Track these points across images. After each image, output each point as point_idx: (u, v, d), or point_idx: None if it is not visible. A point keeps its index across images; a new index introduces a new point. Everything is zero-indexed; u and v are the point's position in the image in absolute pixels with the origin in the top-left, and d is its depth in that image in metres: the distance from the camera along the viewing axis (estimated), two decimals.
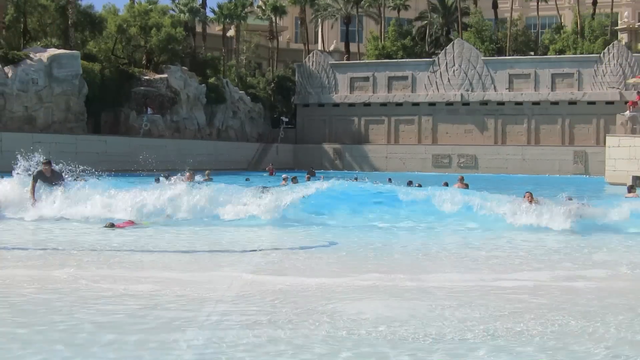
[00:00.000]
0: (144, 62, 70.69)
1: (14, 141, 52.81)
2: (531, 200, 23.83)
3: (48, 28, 66.73)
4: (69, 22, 65.45)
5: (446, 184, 33.94)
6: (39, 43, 61.69)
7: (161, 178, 33.17)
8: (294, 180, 34.12)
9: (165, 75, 69.30)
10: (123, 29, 69.04)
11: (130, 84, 65.49)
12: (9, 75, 54.95)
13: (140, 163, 55.16)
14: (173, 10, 79.10)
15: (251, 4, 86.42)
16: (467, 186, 35.16)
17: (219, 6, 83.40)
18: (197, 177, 39.36)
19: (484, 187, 39.22)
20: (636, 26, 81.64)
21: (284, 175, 44.00)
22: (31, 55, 57.02)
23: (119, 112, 64.24)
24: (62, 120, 58.06)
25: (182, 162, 58.70)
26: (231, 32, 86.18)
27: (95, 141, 58.96)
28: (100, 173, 49.30)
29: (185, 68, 72.67)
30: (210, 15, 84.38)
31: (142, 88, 66.09)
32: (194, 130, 71.72)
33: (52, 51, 58.53)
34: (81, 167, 45.10)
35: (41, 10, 65.57)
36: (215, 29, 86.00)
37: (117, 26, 68.88)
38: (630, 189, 29.77)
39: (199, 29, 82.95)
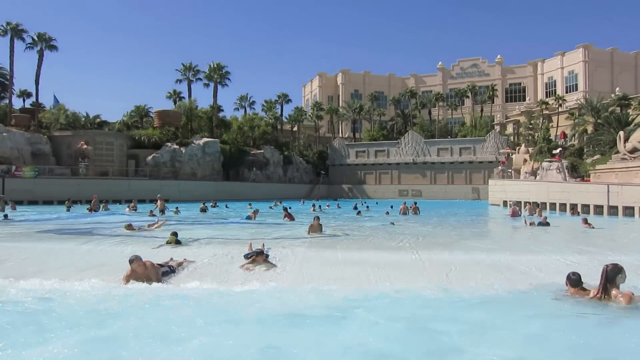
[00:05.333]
0: (251, 144, 70.22)
1: (186, 185, 52.79)
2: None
3: (202, 127, 66.76)
4: (214, 124, 66.09)
5: (388, 212, 31.09)
6: (198, 135, 61.52)
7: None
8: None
9: (262, 151, 68.85)
10: (240, 127, 69.06)
11: (244, 155, 65.33)
12: (183, 152, 55.15)
13: (249, 196, 54.68)
14: (266, 117, 78.77)
15: (305, 114, 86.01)
16: (414, 205, 32.95)
17: (289, 115, 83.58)
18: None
19: (427, 207, 38.09)
20: (504, 122, 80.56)
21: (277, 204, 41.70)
22: (194, 142, 57.22)
23: (239, 170, 63.90)
24: (210, 174, 57.70)
25: (271, 195, 58.27)
26: (295, 128, 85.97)
27: (227, 185, 58.54)
28: (228, 201, 48.08)
29: (272, 147, 71.88)
30: (285, 120, 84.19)
31: (250, 157, 65.92)
32: (277, 178, 70.50)
33: (205, 139, 58.56)
34: (219, 199, 43.80)
35: (199, 118, 65.96)
36: (287, 126, 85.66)
37: (237, 126, 68.92)
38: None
39: (279, 126, 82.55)
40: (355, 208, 36.80)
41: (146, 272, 8.55)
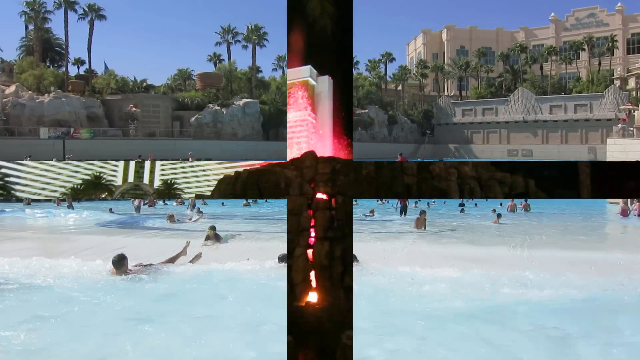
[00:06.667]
0: (356, 104, 69.37)
1: (227, 145, 55.51)
2: None
3: (242, 88, 68.15)
4: (253, 85, 67.73)
5: (495, 209, 25.15)
6: (238, 96, 63.36)
7: None
8: None
9: (366, 111, 71.18)
10: (279, 87, 67.72)
11: (283, 116, 65.31)
12: (224, 112, 58.07)
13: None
14: (370, 77, 79.85)
15: (409, 72, 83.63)
16: (525, 202, 28.23)
17: (394, 74, 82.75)
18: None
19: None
20: (625, 76, 68.84)
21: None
22: (234, 103, 59.61)
23: (277, 130, 61.53)
24: (250, 134, 59.72)
25: (377, 154, 58.39)
26: (399, 87, 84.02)
27: (266, 144, 59.24)
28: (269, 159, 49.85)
29: (377, 106, 73.49)
30: (389, 79, 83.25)
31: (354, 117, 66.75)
32: (382, 138, 72.65)
33: (244, 100, 60.80)
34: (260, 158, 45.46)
35: (238, 80, 68.20)
36: (392, 86, 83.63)
37: (275, 86, 68.05)
38: None
39: (383, 86, 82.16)
40: (461, 205, 32.07)
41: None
